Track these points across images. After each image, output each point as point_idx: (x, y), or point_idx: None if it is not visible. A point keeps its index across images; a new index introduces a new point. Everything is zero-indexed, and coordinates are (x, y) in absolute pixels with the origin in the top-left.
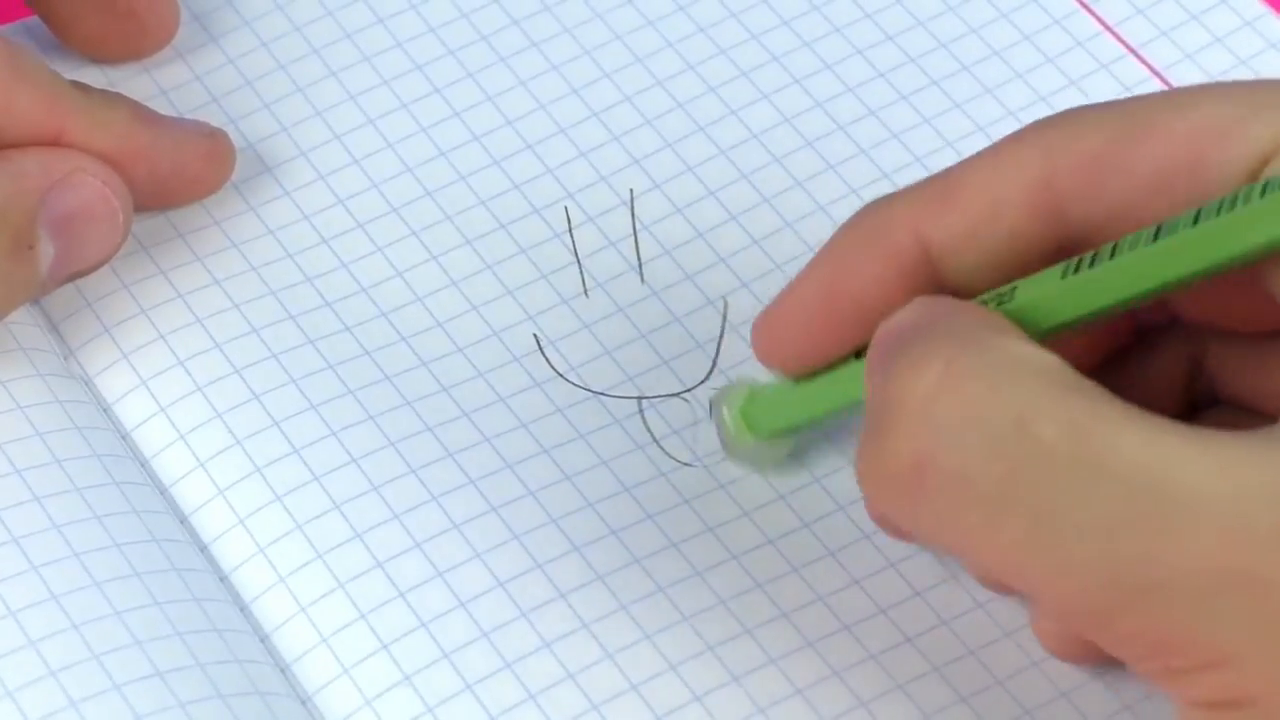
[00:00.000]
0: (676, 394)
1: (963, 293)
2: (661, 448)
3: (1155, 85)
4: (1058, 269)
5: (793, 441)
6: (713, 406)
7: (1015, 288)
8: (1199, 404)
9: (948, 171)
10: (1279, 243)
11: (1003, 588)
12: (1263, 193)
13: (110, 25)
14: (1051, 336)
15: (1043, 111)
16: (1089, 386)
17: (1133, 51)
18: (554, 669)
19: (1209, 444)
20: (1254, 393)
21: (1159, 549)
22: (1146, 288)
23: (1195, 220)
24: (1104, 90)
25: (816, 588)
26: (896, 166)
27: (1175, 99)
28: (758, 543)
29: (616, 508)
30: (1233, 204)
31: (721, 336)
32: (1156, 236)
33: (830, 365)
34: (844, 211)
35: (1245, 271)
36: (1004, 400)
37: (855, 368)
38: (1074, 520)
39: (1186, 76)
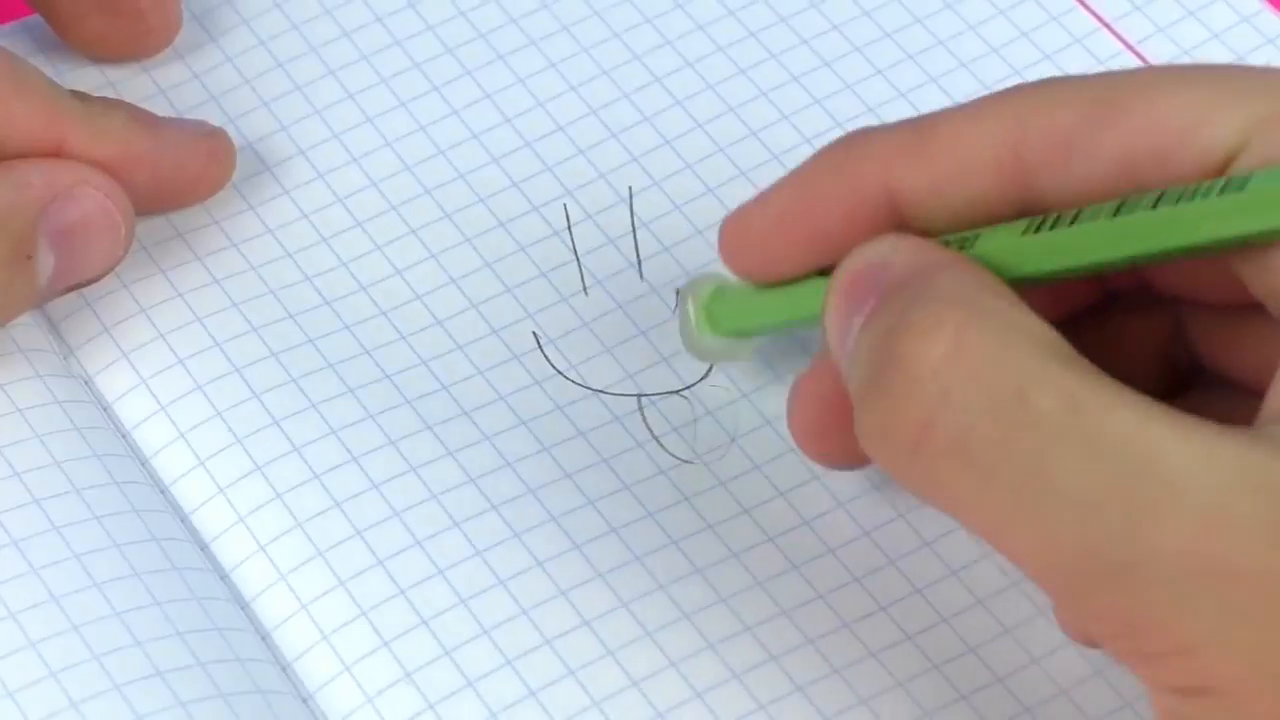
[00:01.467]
0: (676, 391)
1: (924, 236)
2: (661, 445)
3: None
4: (1019, 225)
5: (753, 344)
6: (679, 297)
7: (978, 235)
8: (1182, 371)
9: (925, 119)
10: (1233, 241)
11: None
12: (1221, 190)
13: (113, 25)
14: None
15: None
16: (1085, 363)
17: (1130, 48)
18: (555, 665)
19: (1197, 431)
20: (1232, 363)
21: (1140, 527)
22: (1100, 259)
23: (1155, 204)
24: None
25: (816, 585)
26: None
27: (1149, 81)
28: (758, 540)
29: (616, 505)
30: (1192, 195)
31: None
32: (1118, 212)
33: (792, 280)
34: None
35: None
36: (1008, 370)
37: (817, 285)
38: (1062, 490)
39: None
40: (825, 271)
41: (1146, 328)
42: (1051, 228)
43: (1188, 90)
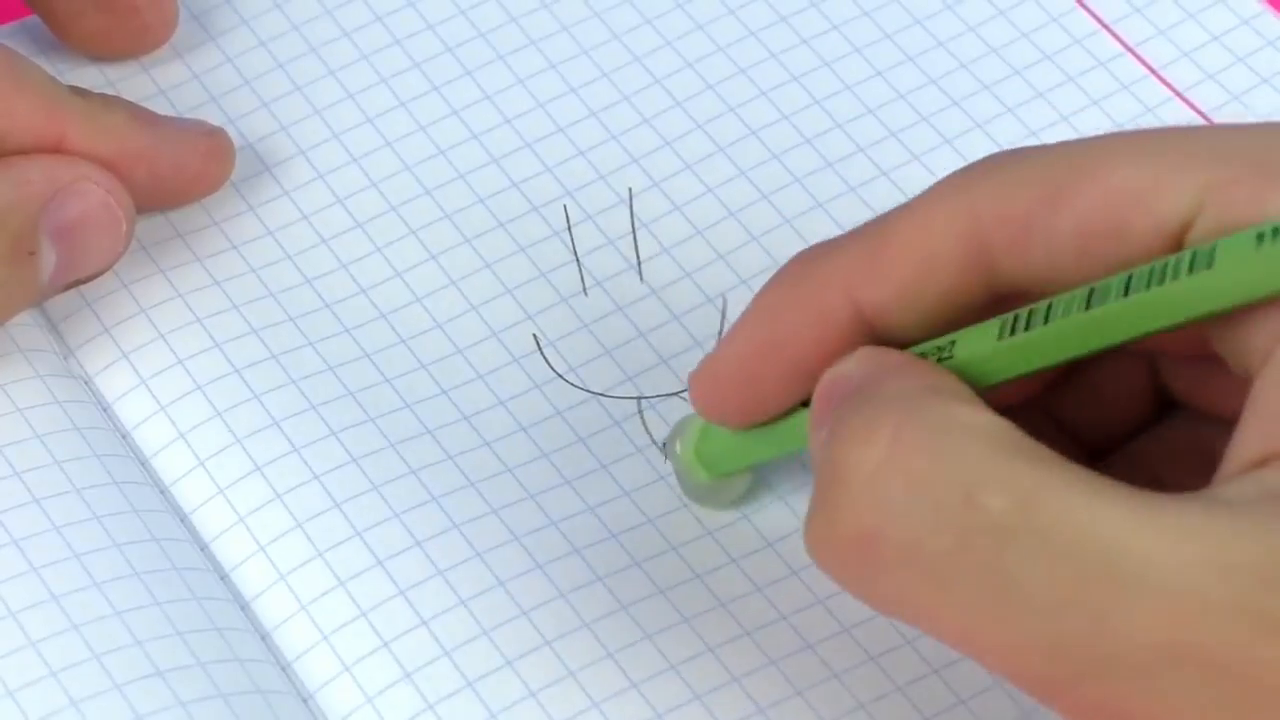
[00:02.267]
0: (676, 393)
1: (900, 345)
2: (661, 450)
3: (1153, 83)
4: (994, 326)
5: (749, 478)
6: (667, 445)
7: (954, 341)
8: (1168, 398)
9: (877, 224)
10: (1207, 315)
11: None
12: (1190, 267)
13: (110, 23)
14: (991, 390)
15: (1040, 109)
16: (1037, 451)
17: (1130, 50)
18: (555, 666)
19: (1158, 513)
20: (1205, 403)
21: (1109, 622)
22: (1080, 351)
23: (1125, 290)
24: (1102, 87)
25: (815, 591)
26: (895, 164)
27: (1100, 152)
28: (757, 546)
29: (615, 511)
30: (1161, 276)
31: (721, 334)
32: (1089, 303)
33: (776, 417)
34: (842, 208)
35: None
36: (951, 471)
37: (802, 416)
38: (1023, 594)
39: (1184, 75)
40: (807, 402)
41: (1130, 364)
42: (1026, 328)
43: (1138, 159)
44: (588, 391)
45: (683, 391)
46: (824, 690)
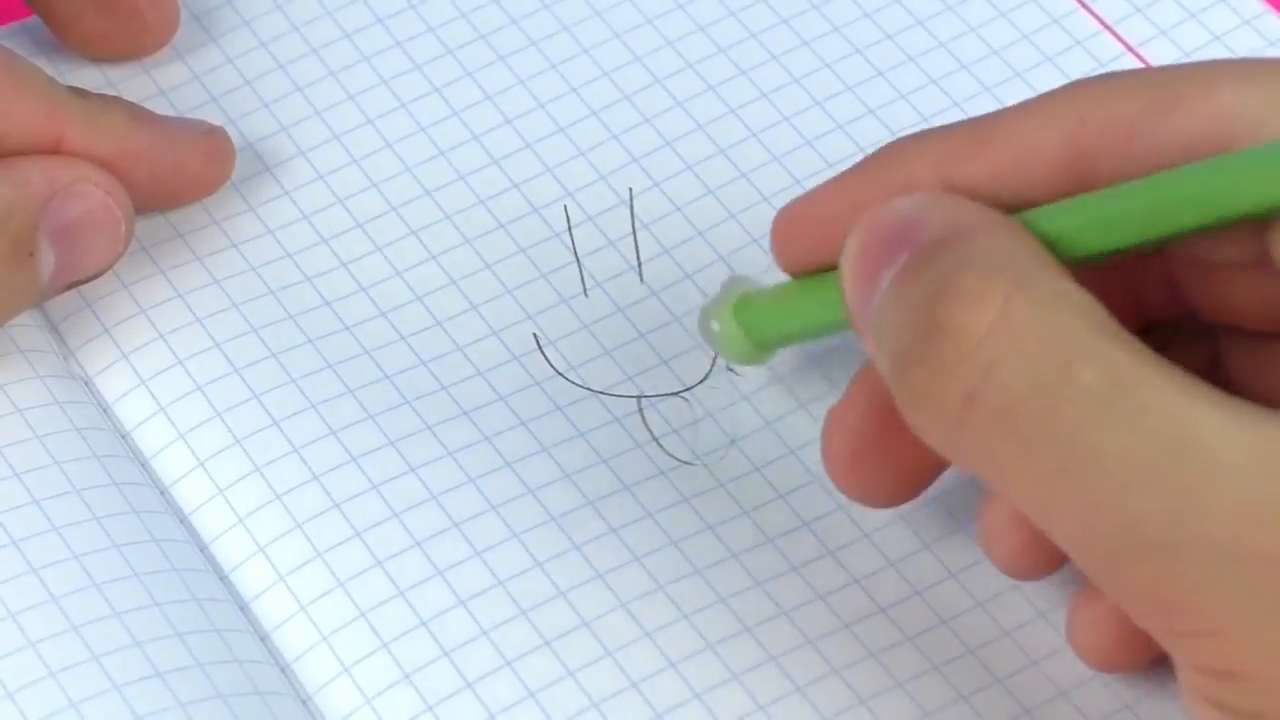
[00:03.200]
0: (676, 393)
1: None
2: (661, 446)
3: None
4: (1078, 199)
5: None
6: (702, 314)
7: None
8: None
9: (983, 118)
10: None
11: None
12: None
13: (111, 25)
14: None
15: None
16: (1131, 338)
17: (1131, 50)
18: (554, 667)
19: (1242, 414)
20: (1271, 392)
21: (1181, 509)
22: (1165, 227)
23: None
24: None
25: (816, 586)
26: None
27: (1205, 74)
28: (757, 541)
29: (616, 506)
30: (1251, 157)
31: None
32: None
33: (824, 270)
34: None
35: (1256, 259)
36: (1054, 342)
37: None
38: (1105, 465)
39: None
40: None
41: (1185, 358)
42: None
43: (1250, 85)
44: (588, 389)
45: (683, 391)
46: (823, 687)
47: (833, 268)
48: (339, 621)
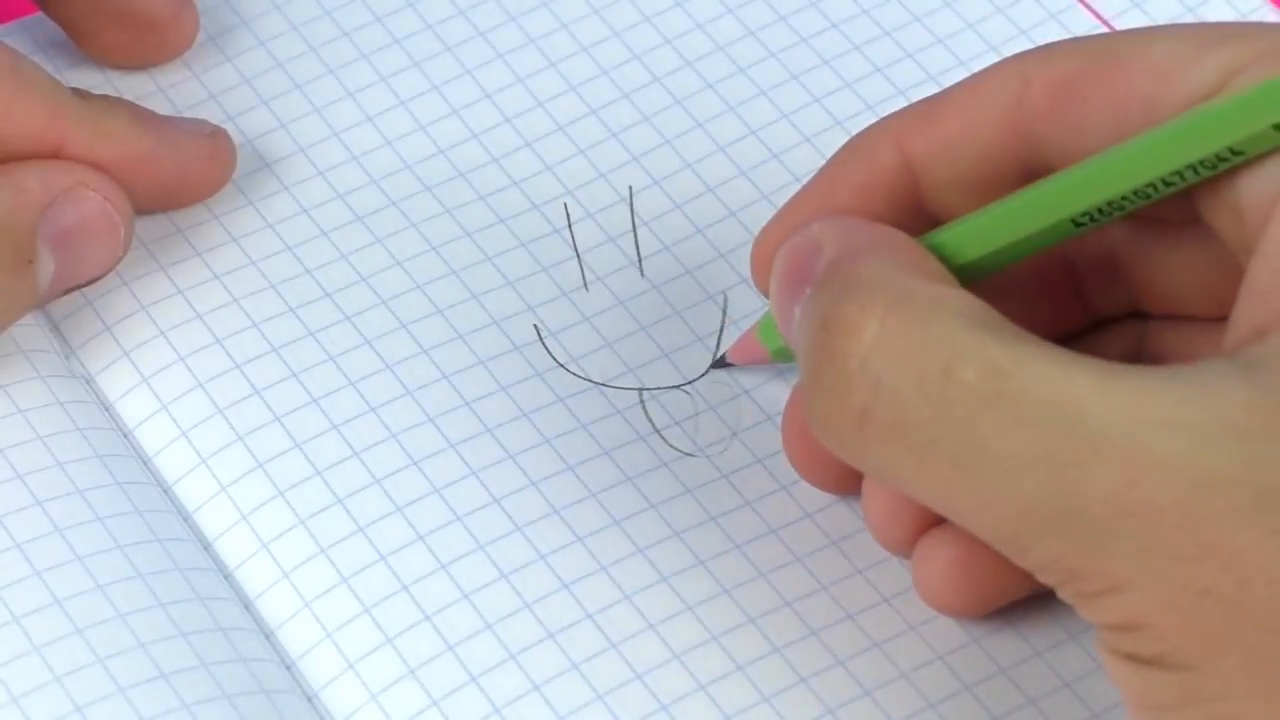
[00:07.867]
0: (677, 386)
1: (941, 214)
2: (663, 437)
3: None
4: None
5: None
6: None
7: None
8: None
9: (936, 94)
10: (1202, 159)
11: None
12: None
13: (131, 37)
14: (978, 272)
15: None
16: (1006, 327)
17: None
18: (558, 659)
19: (1116, 380)
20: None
21: (1068, 481)
22: (1065, 211)
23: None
24: None
25: (820, 577)
26: None
27: (1142, 37)
28: (760, 532)
29: (619, 497)
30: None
31: (722, 331)
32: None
33: None
34: None
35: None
36: (932, 348)
37: None
38: (995, 455)
39: None
40: None
41: (1118, 348)
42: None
43: (1173, 41)
44: (589, 381)
45: (684, 385)
46: (827, 677)
47: None
48: (343, 618)
